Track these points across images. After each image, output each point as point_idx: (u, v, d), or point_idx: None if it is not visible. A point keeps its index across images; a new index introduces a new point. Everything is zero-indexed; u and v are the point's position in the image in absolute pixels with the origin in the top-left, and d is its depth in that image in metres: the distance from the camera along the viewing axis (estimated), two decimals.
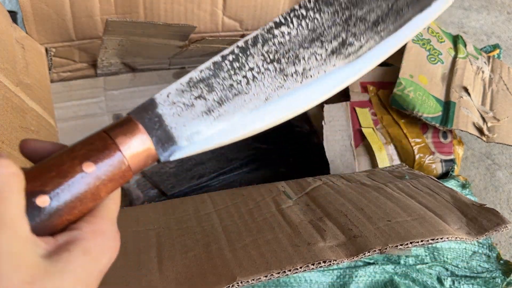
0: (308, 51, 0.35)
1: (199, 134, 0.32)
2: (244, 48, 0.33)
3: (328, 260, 0.40)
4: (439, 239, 0.42)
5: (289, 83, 0.35)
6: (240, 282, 0.38)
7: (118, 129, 0.29)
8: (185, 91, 0.32)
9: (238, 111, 0.33)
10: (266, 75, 0.34)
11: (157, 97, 0.32)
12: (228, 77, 0.33)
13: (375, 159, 0.71)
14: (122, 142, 0.28)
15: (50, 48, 0.70)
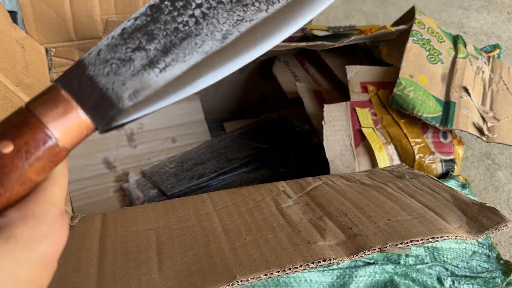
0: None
1: (145, 91, 0.28)
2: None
3: (328, 259, 0.40)
4: (439, 237, 0.42)
5: (252, 13, 0.29)
6: (240, 281, 0.38)
7: (40, 100, 0.25)
8: (119, 44, 0.28)
9: (189, 58, 0.28)
10: (220, 9, 0.29)
11: (86, 58, 0.27)
12: (171, 20, 0.28)
13: (375, 159, 0.71)
14: (44, 114, 0.25)
15: (50, 48, 0.70)
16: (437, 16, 1.34)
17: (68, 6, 0.65)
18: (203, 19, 0.28)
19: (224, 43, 0.28)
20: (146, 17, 0.28)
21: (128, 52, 0.28)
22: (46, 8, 0.64)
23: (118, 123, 0.27)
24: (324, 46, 0.78)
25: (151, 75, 0.28)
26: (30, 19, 0.64)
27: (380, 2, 1.39)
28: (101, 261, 0.42)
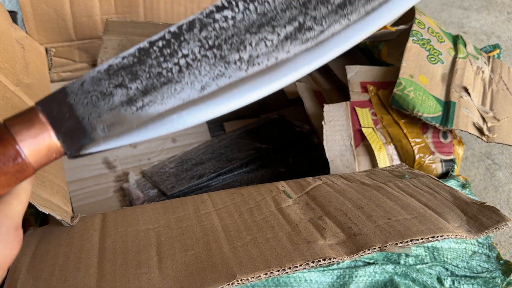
0: (256, 37, 0.31)
1: (118, 126, 0.29)
2: (177, 34, 0.30)
3: (328, 258, 0.40)
4: (439, 236, 0.42)
5: (232, 71, 0.31)
6: (240, 280, 0.38)
7: (18, 119, 0.27)
8: (103, 79, 0.29)
9: (166, 101, 0.29)
10: (203, 63, 0.30)
11: (69, 86, 0.29)
12: (156, 64, 0.29)
13: (375, 159, 0.71)
14: (18, 132, 0.26)
15: (50, 48, 0.70)
16: (437, 16, 1.34)
17: (68, 6, 0.65)
18: (186, 68, 0.30)
19: (201, 93, 0.30)
20: (133, 58, 0.29)
21: (110, 87, 0.29)
22: (46, 8, 0.64)
23: (87, 152, 0.29)
24: None
25: (127, 112, 0.29)
26: (30, 19, 0.64)
27: None
28: (101, 260, 0.42)
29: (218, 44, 0.30)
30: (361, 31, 0.32)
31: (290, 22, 0.31)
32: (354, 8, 0.32)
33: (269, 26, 0.31)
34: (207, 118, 0.31)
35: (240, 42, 0.31)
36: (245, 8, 0.31)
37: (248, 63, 0.31)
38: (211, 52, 0.30)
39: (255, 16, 0.31)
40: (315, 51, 0.32)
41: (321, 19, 0.32)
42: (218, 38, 0.30)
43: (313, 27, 0.32)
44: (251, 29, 0.31)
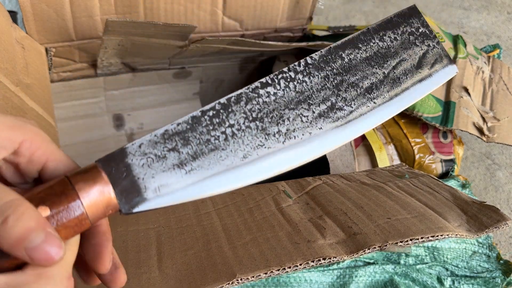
0: (293, 112, 0.35)
1: (168, 187, 0.31)
2: (226, 105, 0.33)
3: (328, 257, 0.40)
4: (439, 236, 0.42)
5: (271, 142, 0.34)
6: (240, 279, 0.38)
7: (80, 175, 0.28)
8: (159, 142, 0.32)
9: (212, 167, 0.32)
10: (247, 133, 0.34)
11: (129, 147, 0.31)
12: (206, 132, 0.33)
13: (375, 159, 0.71)
14: (82, 189, 0.28)
15: (50, 48, 0.70)
16: (437, 16, 1.34)
17: (68, 6, 0.65)
18: (231, 137, 0.33)
19: (243, 161, 0.33)
20: (186, 125, 0.32)
21: (164, 150, 0.32)
22: (46, 8, 0.64)
23: (138, 210, 0.31)
24: (324, 46, 0.78)
25: (177, 174, 0.32)
26: (30, 19, 0.64)
27: (380, 2, 1.40)
28: None
29: (260, 117, 0.34)
30: (386, 114, 0.37)
31: (323, 101, 0.35)
32: (380, 93, 0.37)
33: (305, 104, 0.35)
34: (246, 184, 0.33)
35: (280, 116, 0.34)
36: (285, 85, 0.35)
37: (285, 136, 0.34)
38: (254, 123, 0.34)
39: (294, 93, 0.35)
40: (344, 129, 0.35)
41: (351, 101, 0.36)
42: (261, 111, 0.34)
43: (343, 108, 0.36)
44: (289, 105, 0.35)
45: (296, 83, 0.35)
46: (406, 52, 0.38)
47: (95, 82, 0.82)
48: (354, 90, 0.36)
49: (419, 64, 0.38)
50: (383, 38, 0.38)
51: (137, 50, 0.74)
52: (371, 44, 0.37)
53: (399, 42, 0.38)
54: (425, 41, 0.39)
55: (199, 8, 0.74)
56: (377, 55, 0.37)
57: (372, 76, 0.37)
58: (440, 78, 0.39)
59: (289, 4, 0.81)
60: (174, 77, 0.90)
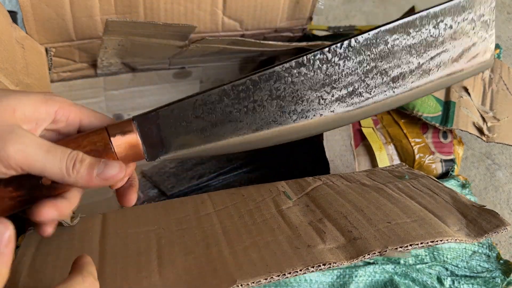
0: (314, 94, 0.36)
1: (187, 146, 0.36)
2: (256, 82, 0.35)
3: (328, 263, 0.40)
4: (439, 241, 0.42)
5: (283, 119, 0.36)
6: (240, 285, 0.38)
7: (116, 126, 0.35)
8: (188, 109, 0.36)
9: (227, 136, 0.36)
10: (266, 109, 0.36)
11: (162, 111, 0.36)
12: (230, 104, 0.36)
13: (375, 159, 0.71)
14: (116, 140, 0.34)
15: (50, 48, 0.70)
16: None
17: (68, 6, 0.65)
18: (251, 111, 0.36)
19: (254, 133, 0.37)
20: (216, 96, 0.36)
21: (191, 117, 0.36)
22: (46, 8, 0.64)
23: (161, 159, 0.37)
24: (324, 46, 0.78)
25: (197, 137, 0.36)
26: (30, 19, 0.64)
27: (380, 2, 1.39)
28: (102, 264, 0.42)
29: (283, 96, 0.36)
30: (397, 103, 0.37)
31: (346, 86, 0.36)
32: (404, 83, 0.37)
33: (328, 87, 0.36)
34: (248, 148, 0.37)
35: (300, 97, 0.36)
36: (319, 67, 0.35)
37: (298, 115, 0.36)
38: (275, 101, 0.36)
39: (323, 76, 0.36)
40: (352, 114, 0.37)
41: (372, 88, 0.36)
42: (285, 90, 0.36)
43: (362, 94, 0.36)
44: (314, 86, 0.36)
45: (329, 65, 0.35)
46: (453, 42, 0.37)
47: (95, 82, 0.82)
48: (380, 78, 0.36)
49: (459, 57, 0.37)
50: (438, 25, 0.36)
51: (137, 50, 0.74)
52: (422, 30, 0.36)
53: (452, 31, 0.37)
54: (480, 31, 0.38)
55: (199, 8, 0.74)
56: (421, 43, 0.36)
57: (406, 65, 0.36)
58: (470, 73, 0.39)
59: (289, 4, 0.81)
60: (174, 77, 0.90)
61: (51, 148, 0.32)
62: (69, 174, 0.32)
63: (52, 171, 0.31)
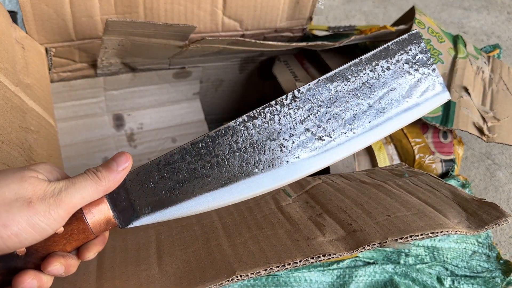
0: (274, 143, 0.37)
1: (157, 207, 0.37)
2: (214, 138, 0.37)
3: (328, 254, 0.40)
4: (439, 232, 0.42)
5: (250, 169, 0.37)
6: (239, 276, 0.38)
7: None
8: (153, 171, 0.37)
9: (196, 193, 0.37)
10: (230, 162, 0.37)
11: (128, 175, 0.37)
12: (193, 161, 0.37)
13: (375, 159, 0.71)
14: (88, 212, 0.35)
15: (50, 48, 0.70)
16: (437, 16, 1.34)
17: (68, 6, 0.65)
18: (216, 166, 0.37)
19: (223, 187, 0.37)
20: (178, 156, 0.37)
21: (157, 177, 0.37)
22: (46, 8, 0.64)
23: (133, 225, 0.37)
24: (324, 46, 0.78)
25: (166, 197, 0.37)
26: (30, 19, 0.64)
27: (380, 2, 1.40)
28: (101, 258, 0.42)
29: (244, 148, 0.37)
30: (364, 143, 0.38)
31: (304, 132, 0.38)
32: (361, 123, 0.38)
33: (287, 134, 0.37)
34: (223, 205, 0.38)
35: (261, 147, 0.37)
36: (271, 118, 0.37)
37: (264, 164, 0.37)
38: (238, 153, 0.37)
39: (277, 126, 0.37)
40: (320, 158, 0.38)
41: (331, 131, 0.38)
42: (244, 142, 0.37)
43: (322, 137, 0.38)
44: (272, 136, 0.37)
45: (281, 115, 0.37)
46: (396, 81, 0.39)
47: (95, 82, 0.82)
48: (336, 121, 0.38)
49: (408, 93, 0.39)
50: (375, 68, 0.38)
51: (137, 50, 0.74)
52: (361, 75, 0.38)
53: (391, 71, 0.39)
54: (420, 68, 0.39)
55: (199, 8, 0.74)
56: (365, 85, 0.38)
57: (356, 107, 0.38)
58: (428, 106, 0.40)
59: (289, 4, 0.81)
60: (174, 77, 0.90)
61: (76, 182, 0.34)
62: (102, 186, 0.35)
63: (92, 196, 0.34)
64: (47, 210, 0.31)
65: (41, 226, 0.31)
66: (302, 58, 0.92)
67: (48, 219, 0.32)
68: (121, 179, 0.36)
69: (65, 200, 0.32)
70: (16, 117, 0.53)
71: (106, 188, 0.35)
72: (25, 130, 0.55)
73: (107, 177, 0.35)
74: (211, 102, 1.00)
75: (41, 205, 0.31)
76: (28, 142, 0.55)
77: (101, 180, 0.35)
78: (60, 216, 0.32)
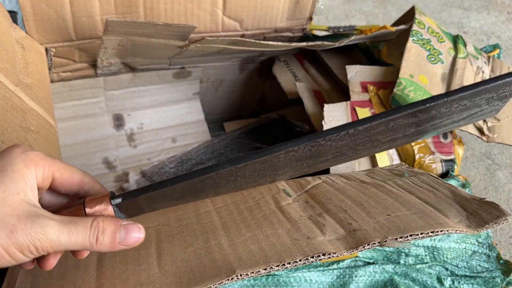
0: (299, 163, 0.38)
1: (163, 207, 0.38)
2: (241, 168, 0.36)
3: (328, 253, 0.40)
4: (439, 231, 0.42)
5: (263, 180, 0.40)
6: (239, 275, 0.38)
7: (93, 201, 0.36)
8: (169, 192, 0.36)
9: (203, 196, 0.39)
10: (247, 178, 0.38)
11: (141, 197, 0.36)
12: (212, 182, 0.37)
13: (375, 159, 0.71)
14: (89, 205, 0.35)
15: (50, 48, 0.70)
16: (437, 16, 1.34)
17: (68, 6, 0.66)
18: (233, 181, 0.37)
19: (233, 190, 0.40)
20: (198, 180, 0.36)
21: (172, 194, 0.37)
22: (46, 8, 0.64)
23: None
24: (324, 46, 0.78)
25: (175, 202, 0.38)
26: (30, 19, 0.64)
27: (380, 2, 1.40)
28: (101, 258, 0.42)
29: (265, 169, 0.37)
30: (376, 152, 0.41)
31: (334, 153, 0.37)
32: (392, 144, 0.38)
33: (315, 157, 0.37)
34: None
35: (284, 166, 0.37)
36: (309, 149, 0.36)
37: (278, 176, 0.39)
38: (258, 173, 0.38)
39: (310, 153, 0.37)
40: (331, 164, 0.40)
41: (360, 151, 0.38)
42: (270, 166, 0.37)
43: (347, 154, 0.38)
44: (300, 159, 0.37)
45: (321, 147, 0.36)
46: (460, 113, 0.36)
47: (95, 82, 0.82)
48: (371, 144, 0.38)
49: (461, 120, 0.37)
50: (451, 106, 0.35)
51: (137, 50, 0.74)
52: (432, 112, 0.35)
53: (465, 107, 0.35)
54: (494, 102, 0.36)
55: (199, 8, 0.74)
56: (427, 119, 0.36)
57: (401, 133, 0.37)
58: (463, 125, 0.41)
59: (289, 4, 0.81)
60: (174, 77, 0.90)
61: (72, 228, 0.32)
62: (93, 247, 0.33)
63: (76, 247, 0.32)
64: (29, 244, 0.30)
65: (19, 256, 0.30)
66: (302, 58, 0.92)
67: (26, 252, 0.30)
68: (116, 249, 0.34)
69: (52, 240, 0.31)
70: (16, 117, 0.53)
71: (97, 250, 0.33)
72: (25, 130, 0.55)
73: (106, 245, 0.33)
74: (211, 102, 1.00)
75: (24, 238, 0.29)
76: (28, 142, 0.55)
77: (96, 245, 0.33)
78: (39, 251, 0.31)
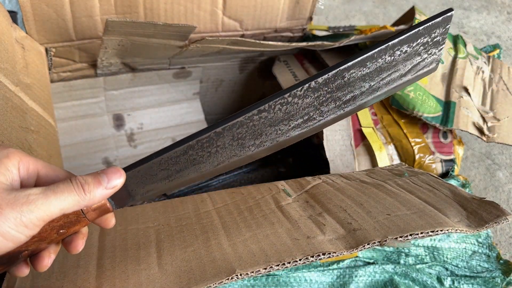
0: (273, 128, 0.38)
1: (154, 190, 0.38)
2: (220, 133, 0.37)
3: (328, 252, 0.40)
4: (439, 231, 0.42)
5: (243, 152, 0.39)
6: (239, 275, 0.38)
7: None
8: (154, 167, 0.38)
9: (191, 175, 0.38)
10: (227, 149, 0.38)
11: (128, 173, 0.37)
12: (194, 153, 0.38)
13: (375, 159, 0.71)
14: None
15: (50, 48, 0.70)
16: None
17: (68, 6, 0.65)
18: (215, 153, 0.38)
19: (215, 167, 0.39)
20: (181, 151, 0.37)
21: (157, 170, 0.38)
22: (46, 8, 0.64)
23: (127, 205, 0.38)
24: (324, 46, 0.78)
25: (162, 183, 0.38)
26: (30, 19, 0.64)
27: (380, 2, 1.40)
28: (101, 258, 0.42)
29: (244, 136, 0.38)
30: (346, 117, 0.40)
31: (303, 116, 0.38)
32: (354, 102, 0.39)
33: (286, 120, 0.38)
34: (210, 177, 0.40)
35: (260, 133, 0.38)
36: (279, 109, 0.38)
37: (257, 146, 0.38)
38: (237, 142, 0.38)
39: (281, 114, 0.38)
40: (304, 133, 0.39)
41: (325, 113, 0.39)
42: (247, 132, 0.38)
43: (315, 118, 0.38)
44: (273, 123, 0.38)
45: (289, 105, 0.37)
46: (404, 63, 0.39)
47: (95, 82, 0.82)
48: (334, 103, 0.38)
49: (407, 72, 0.39)
50: (394, 53, 0.38)
51: (137, 50, 0.74)
52: (378, 61, 0.38)
53: (406, 54, 0.38)
54: (431, 49, 0.39)
55: (199, 8, 0.74)
56: (377, 70, 0.38)
57: (358, 89, 0.38)
58: (412, 81, 0.40)
59: (289, 4, 0.81)
60: (174, 77, 0.90)
61: (56, 189, 0.32)
62: (84, 199, 0.33)
63: (68, 206, 0.33)
64: (19, 217, 0.30)
65: (13, 234, 0.30)
66: (302, 58, 0.92)
67: (18, 227, 0.30)
68: (107, 196, 0.35)
69: (41, 208, 0.31)
70: (16, 117, 0.53)
71: (89, 203, 0.34)
72: (25, 130, 0.55)
73: (93, 192, 0.34)
74: (211, 102, 1.00)
75: (12, 212, 0.30)
76: (28, 142, 0.55)
77: (86, 194, 0.33)
78: (33, 223, 0.31)
